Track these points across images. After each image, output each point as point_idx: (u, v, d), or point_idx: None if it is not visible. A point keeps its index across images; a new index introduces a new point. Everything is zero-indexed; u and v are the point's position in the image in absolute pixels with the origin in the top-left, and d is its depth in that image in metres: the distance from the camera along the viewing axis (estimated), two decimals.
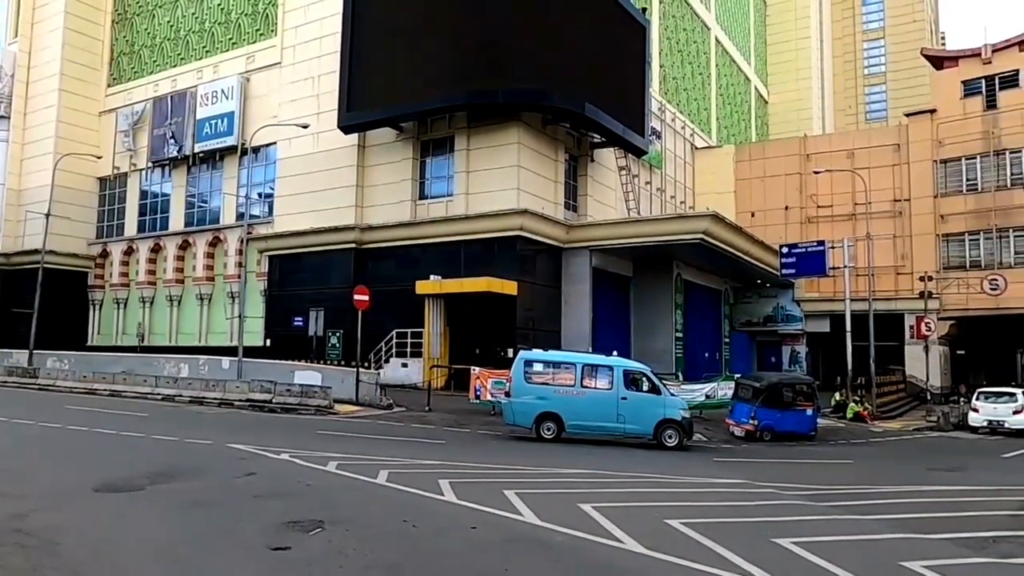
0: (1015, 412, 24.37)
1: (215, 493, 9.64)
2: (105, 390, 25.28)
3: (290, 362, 26.96)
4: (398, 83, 28.91)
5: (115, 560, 6.78)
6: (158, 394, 24.13)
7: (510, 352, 26.66)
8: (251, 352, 28.69)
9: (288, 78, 34.01)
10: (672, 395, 18.04)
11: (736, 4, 53.47)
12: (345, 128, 30.38)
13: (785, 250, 32.34)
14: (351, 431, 17.65)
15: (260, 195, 35.95)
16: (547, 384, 17.49)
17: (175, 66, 39.86)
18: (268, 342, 32.59)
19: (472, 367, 23.10)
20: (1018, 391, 26.27)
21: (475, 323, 27.62)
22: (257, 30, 36.65)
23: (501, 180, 28.05)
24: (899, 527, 9.14)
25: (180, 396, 23.72)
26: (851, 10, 66.01)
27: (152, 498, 9.20)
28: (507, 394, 17.75)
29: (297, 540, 7.33)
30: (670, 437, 17.08)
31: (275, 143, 34.03)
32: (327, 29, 32.35)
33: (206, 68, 38.21)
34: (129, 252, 40.72)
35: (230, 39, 37.81)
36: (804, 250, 31.84)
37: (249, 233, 32.01)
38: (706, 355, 37.33)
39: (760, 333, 41.96)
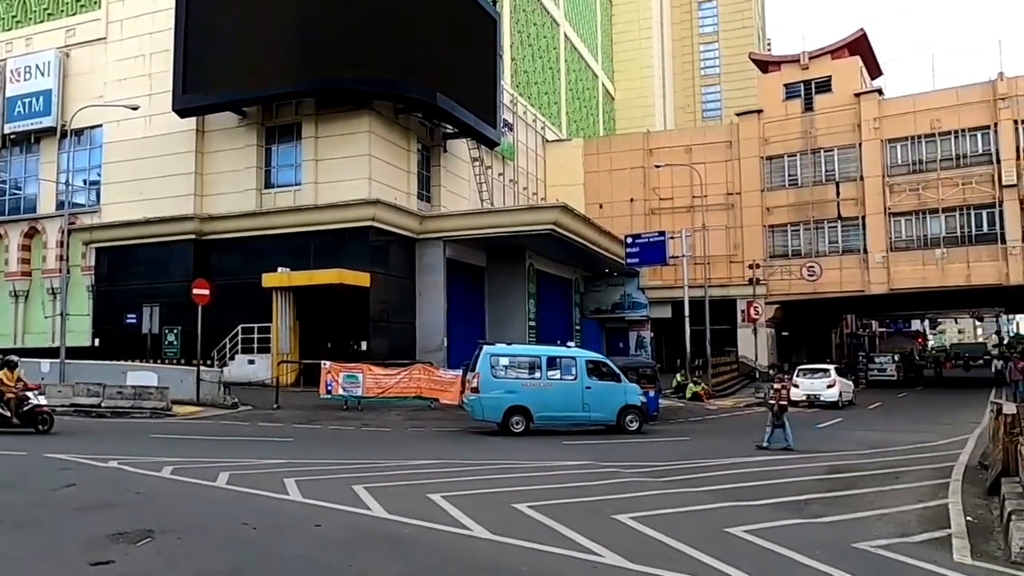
0: (828, 386, 27.06)
1: (27, 508, 8.74)
2: None
3: (122, 362, 25.02)
4: (240, 65, 27.49)
5: None
6: None
7: (363, 345, 26.25)
8: (77, 353, 26.37)
9: (115, 55, 31.39)
10: (629, 382, 18.57)
11: (584, 2, 55.17)
12: (181, 111, 28.50)
13: (630, 240, 33.96)
14: (191, 433, 16.69)
15: (85, 182, 33.05)
16: (514, 378, 17.51)
17: None
18: (97, 342, 30.04)
19: (323, 361, 22.50)
20: (831, 367, 29.20)
21: (327, 316, 26.89)
22: (78, 1, 33.51)
23: (352, 169, 27.43)
24: (726, 497, 9.86)
25: None
26: (688, 14, 69.94)
27: None
28: (474, 389, 17.35)
29: (122, 553, 6.79)
30: (632, 421, 17.81)
31: (101, 125, 31.34)
32: (159, 3, 30.12)
33: (16, 40, 34.46)
34: None
35: (45, 9, 34.32)
36: (647, 240, 33.59)
37: (72, 223, 29.31)
38: (558, 342, 38.35)
39: (609, 320, 43.72)
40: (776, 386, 16.16)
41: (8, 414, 15.46)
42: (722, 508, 9.19)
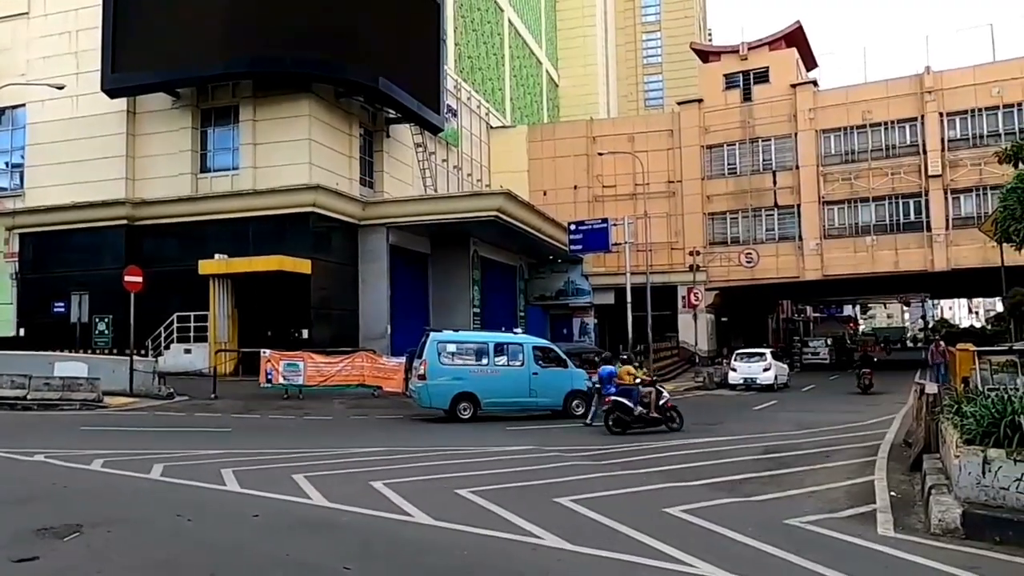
0: (764, 370, 27.83)
1: None
2: None
3: (49, 352, 24.03)
4: (174, 44, 26.55)
5: None
6: None
7: (305, 333, 25.85)
8: (1, 344, 25.27)
9: (38, 31, 29.96)
10: (576, 367, 18.81)
11: None
12: (110, 92, 27.45)
13: (573, 227, 34.17)
14: (123, 425, 16.22)
15: (7, 164, 31.53)
16: (461, 365, 17.49)
17: None
18: (22, 331, 28.84)
19: (263, 350, 22.07)
20: (767, 351, 30.02)
21: (267, 304, 26.36)
22: None
23: (292, 154, 26.88)
24: (664, 478, 10.07)
25: None
26: (631, 2, 70.53)
27: None
28: (421, 377, 17.20)
29: (48, 548, 6.55)
30: (578, 406, 17.91)
31: (24, 105, 29.91)
32: None
33: None
34: None
35: None
36: (590, 227, 33.85)
37: None
38: (503, 329, 38.45)
39: (553, 307, 43.98)
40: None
41: (646, 411, 14.98)
42: (660, 489, 9.37)
